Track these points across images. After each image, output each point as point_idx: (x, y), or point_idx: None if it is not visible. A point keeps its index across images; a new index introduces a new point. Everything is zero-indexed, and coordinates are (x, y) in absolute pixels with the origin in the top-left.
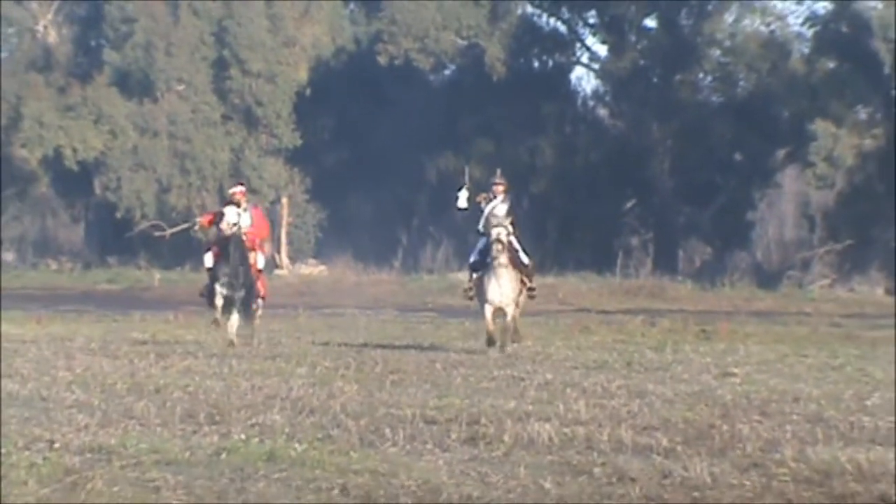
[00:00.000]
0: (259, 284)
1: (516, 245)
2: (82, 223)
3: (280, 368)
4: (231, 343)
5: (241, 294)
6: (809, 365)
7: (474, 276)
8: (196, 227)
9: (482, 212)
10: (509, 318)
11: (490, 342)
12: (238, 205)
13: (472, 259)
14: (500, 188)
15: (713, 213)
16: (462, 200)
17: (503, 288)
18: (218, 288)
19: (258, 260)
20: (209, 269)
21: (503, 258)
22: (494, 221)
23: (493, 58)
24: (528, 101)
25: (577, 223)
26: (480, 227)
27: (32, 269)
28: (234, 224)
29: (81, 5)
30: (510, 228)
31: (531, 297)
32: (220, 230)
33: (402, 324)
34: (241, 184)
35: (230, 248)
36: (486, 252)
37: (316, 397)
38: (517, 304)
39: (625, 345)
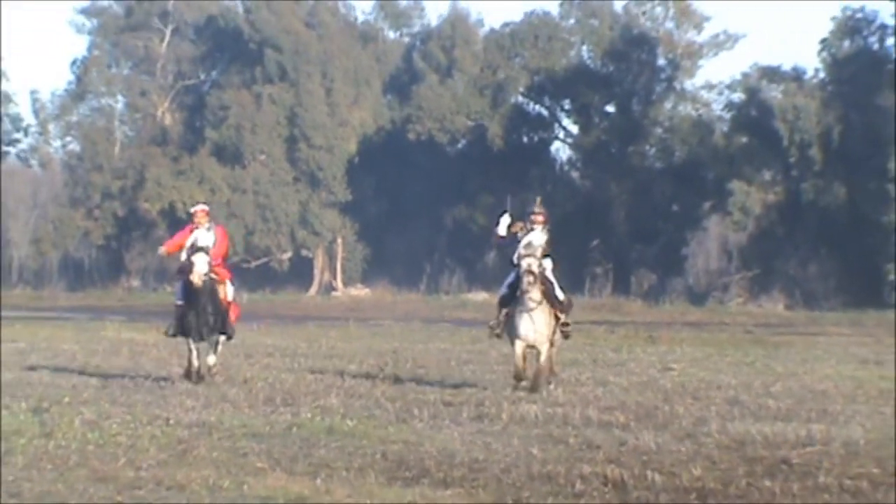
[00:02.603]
0: (231, 315)
1: (551, 278)
2: None
3: (336, 365)
4: (211, 374)
5: (214, 338)
6: (728, 362)
7: (503, 312)
8: (161, 252)
9: (518, 242)
10: (543, 358)
11: (517, 377)
12: (198, 226)
13: (501, 292)
14: (539, 218)
15: (657, 250)
16: (502, 228)
17: (536, 324)
18: (191, 344)
19: (227, 292)
20: (179, 306)
21: (535, 292)
22: (526, 252)
23: (493, 134)
24: (519, 166)
25: (558, 258)
26: (515, 258)
27: (153, 292)
28: (206, 274)
29: (189, 96)
30: (543, 260)
31: (565, 336)
32: (189, 281)
33: (425, 332)
34: (205, 203)
35: (201, 298)
36: (516, 285)
37: (362, 386)
38: (551, 343)
39: (591, 347)
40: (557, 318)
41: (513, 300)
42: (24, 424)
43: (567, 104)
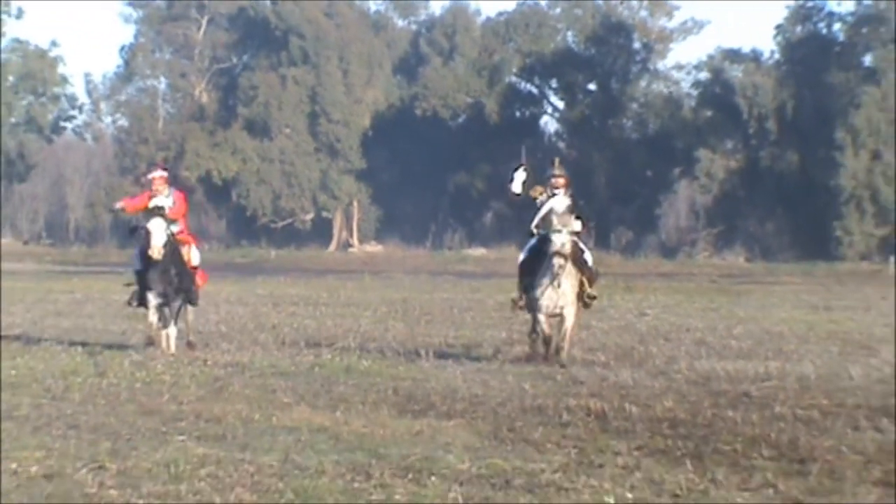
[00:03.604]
0: (197, 279)
1: (581, 245)
2: (224, 219)
3: (353, 312)
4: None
5: (177, 303)
6: (696, 308)
7: (525, 284)
8: (118, 208)
9: (538, 209)
10: (569, 323)
11: (546, 342)
12: (157, 193)
13: (522, 257)
14: (561, 181)
15: (633, 210)
16: (517, 184)
17: (564, 289)
18: (151, 300)
19: (192, 255)
20: (138, 273)
21: (565, 273)
22: (555, 224)
23: (490, 110)
24: (512, 138)
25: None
26: (533, 226)
27: None
28: (164, 246)
29: (223, 78)
30: (573, 223)
31: (587, 305)
32: (148, 254)
33: (431, 283)
34: (165, 168)
35: (164, 262)
36: (538, 254)
37: (376, 330)
38: (573, 308)
39: None
40: (582, 287)
41: (535, 269)
42: (80, 365)
43: (554, 83)
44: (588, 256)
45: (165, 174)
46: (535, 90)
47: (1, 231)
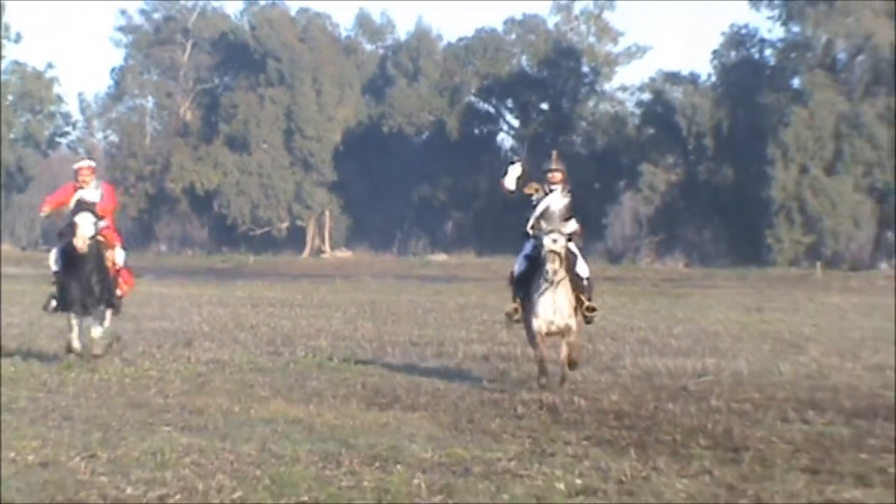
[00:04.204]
0: (122, 283)
1: (574, 249)
2: (206, 227)
3: (325, 313)
4: (92, 357)
5: (100, 309)
6: (639, 309)
7: (520, 296)
8: (43, 213)
9: (533, 207)
10: (572, 337)
11: (542, 371)
12: (83, 185)
13: (517, 268)
14: (557, 176)
15: (583, 219)
16: (510, 179)
17: (557, 302)
18: (73, 319)
19: (117, 258)
20: (56, 274)
21: (560, 274)
22: (548, 224)
23: (451, 127)
24: (471, 153)
25: (503, 226)
26: (529, 227)
27: (177, 255)
28: (91, 237)
29: (205, 97)
30: (566, 226)
31: (588, 321)
32: (73, 246)
33: (397, 286)
34: (91, 158)
35: (86, 265)
36: (533, 262)
37: (346, 330)
38: (574, 326)
39: None
40: (580, 300)
41: (531, 280)
42: (73, 362)
43: (510, 103)
44: (582, 264)
45: (93, 164)
46: (492, 109)
47: (1, 237)
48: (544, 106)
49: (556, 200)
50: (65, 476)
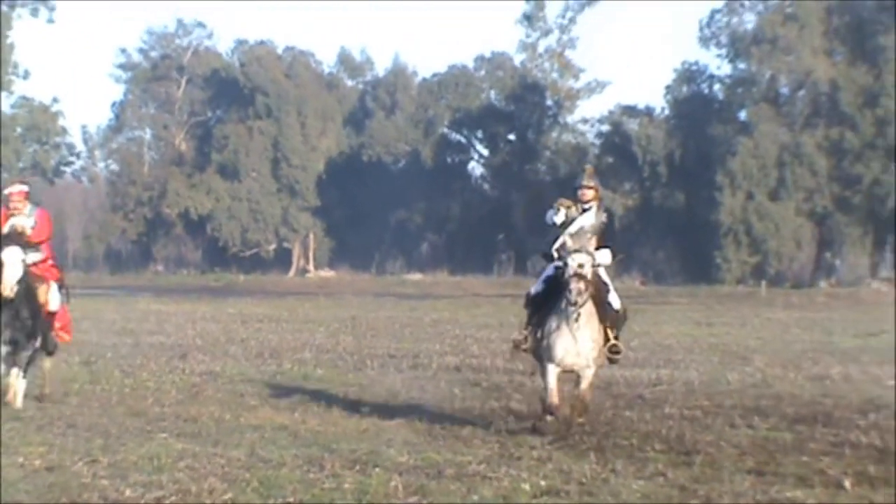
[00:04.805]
0: (55, 324)
1: (606, 279)
2: (200, 249)
3: (309, 328)
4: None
5: (28, 352)
6: None
7: (533, 323)
8: None
9: (554, 224)
10: (584, 385)
11: (547, 411)
12: (15, 212)
13: (533, 290)
14: (590, 193)
15: (547, 242)
16: (560, 216)
17: (579, 342)
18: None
19: (51, 297)
20: None
21: (582, 302)
22: (574, 243)
23: (426, 156)
24: (444, 181)
25: (474, 248)
26: (554, 249)
27: (173, 275)
28: (18, 282)
29: (199, 129)
30: (598, 253)
31: (613, 360)
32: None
33: (376, 303)
34: (24, 182)
35: (14, 303)
36: (554, 286)
37: (329, 343)
38: (594, 367)
39: (499, 314)
40: (607, 337)
41: (548, 305)
42: (77, 374)
43: (480, 134)
44: (614, 297)
45: (26, 188)
46: (463, 139)
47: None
48: (511, 136)
49: (589, 219)
50: (68, 479)
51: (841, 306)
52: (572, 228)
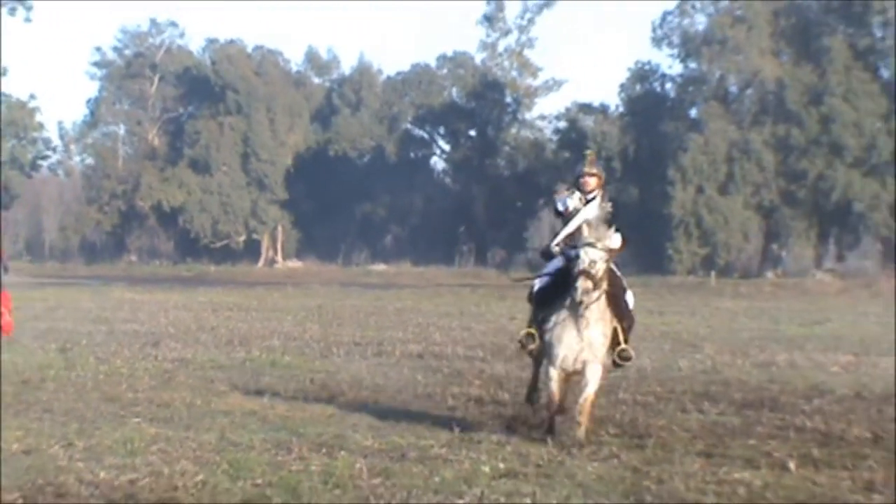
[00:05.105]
0: None
1: (618, 272)
2: (172, 241)
3: (277, 316)
4: None
5: None
6: None
7: (538, 321)
8: None
9: (558, 213)
10: (591, 389)
11: (556, 413)
12: None
13: (539, 283)
14: (593, 182)
15: (506, 234)
16: (572, 202)
17: (588, 338)
18: None
19: None
20: None
21: (591, 300)
22: (585, 237)
23: (390, 152)
24: (408, 174)
25: (436, 239)
26: (554, 244)
27: (146, 265)
28: None
29: (171, 125)
30: (609, 241)
31: (620, 364)
32: None
33: (341, 293)
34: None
35: None
36: (561, 278)
37: (296, 331)
38: (601, 366)
39: (460, 303)
40: (616, 339)
41: (555, 300)
42: (53, 360)
43: (442, 130)
44: (630, 296)
45: None
46: (426, 135)
47: None
48: (472, 133)
49: (592, 210)
50: (45, 462)
51: (787, 296)
52: (575, 223)
